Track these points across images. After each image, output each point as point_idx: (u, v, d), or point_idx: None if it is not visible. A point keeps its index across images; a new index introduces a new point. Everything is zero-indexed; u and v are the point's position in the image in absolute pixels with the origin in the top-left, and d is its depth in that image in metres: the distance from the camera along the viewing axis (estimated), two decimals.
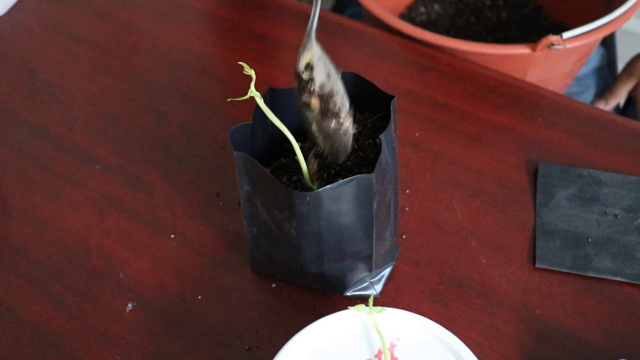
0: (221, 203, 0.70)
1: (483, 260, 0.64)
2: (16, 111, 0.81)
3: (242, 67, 0.50)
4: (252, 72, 0.51)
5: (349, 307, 0.52)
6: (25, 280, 0.65)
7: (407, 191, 0.70)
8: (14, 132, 0.79)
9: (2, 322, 0.62)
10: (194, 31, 0.91)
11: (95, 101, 0.82)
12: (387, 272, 0.63)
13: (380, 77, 0.82)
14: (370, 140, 0.57)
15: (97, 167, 0.74)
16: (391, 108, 0.55)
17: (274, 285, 0.63)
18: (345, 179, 0.51)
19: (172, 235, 0.68)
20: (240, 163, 0.55)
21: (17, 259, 0.67)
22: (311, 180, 0.56)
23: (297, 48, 0.51)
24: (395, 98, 0.56)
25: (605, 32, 0.83)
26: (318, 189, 0.52)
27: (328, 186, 0.51)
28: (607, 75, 1.07)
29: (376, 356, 0.51)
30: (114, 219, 0.69)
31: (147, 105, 0.81)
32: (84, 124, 0.79)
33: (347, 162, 0.56)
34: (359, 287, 0.61)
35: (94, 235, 0.68)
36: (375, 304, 0.52)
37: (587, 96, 1.03)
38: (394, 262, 0.64)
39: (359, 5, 1.07)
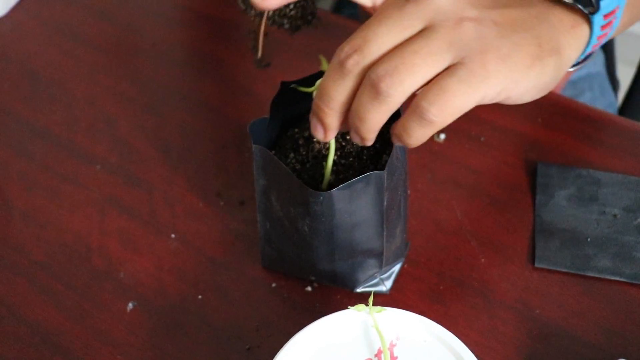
0: (222, 203, 0.70)
1: (483, 260, 0.64)
2: (17, 111, 0.81)
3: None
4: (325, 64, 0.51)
5: (349, 307, 0.52)
6: (26, 279, 0.65)
7: (407, 191, 0.70)
8: (14, 132, 0.79)
9: (2, 322, 0.62)
10: (194, 32, 0.91)
11: (95, 101, 0.82)
12: (396, 268, 0.63)
13: None
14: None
15: (97, 167, 0.74)
16: None
17: (274, 285, 0.63)
18: (358, 177, 0.52)
19: (173, 235, 0.68)
20: (258, 157, 0.55)
21: (17, 259, 0.67)
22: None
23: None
24: None
25: None
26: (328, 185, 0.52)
27: (341, 186, 0.52)
28: (603, 79, 1.07)
29: (376, 356, 0.51)
30: (114, 218, 0.69)
31: (147, 105, 0.81)
32: (84, 124, 0.79)
33: (359, 158, 0.56)
34: (369, 283, 0.61)
35: (95, 235, 0.68)
36: (375, 304, 0.52)
37: (582, 100, 1.03)
38: (404, 259, 0.64)
39: (357, 5, 1.07)
